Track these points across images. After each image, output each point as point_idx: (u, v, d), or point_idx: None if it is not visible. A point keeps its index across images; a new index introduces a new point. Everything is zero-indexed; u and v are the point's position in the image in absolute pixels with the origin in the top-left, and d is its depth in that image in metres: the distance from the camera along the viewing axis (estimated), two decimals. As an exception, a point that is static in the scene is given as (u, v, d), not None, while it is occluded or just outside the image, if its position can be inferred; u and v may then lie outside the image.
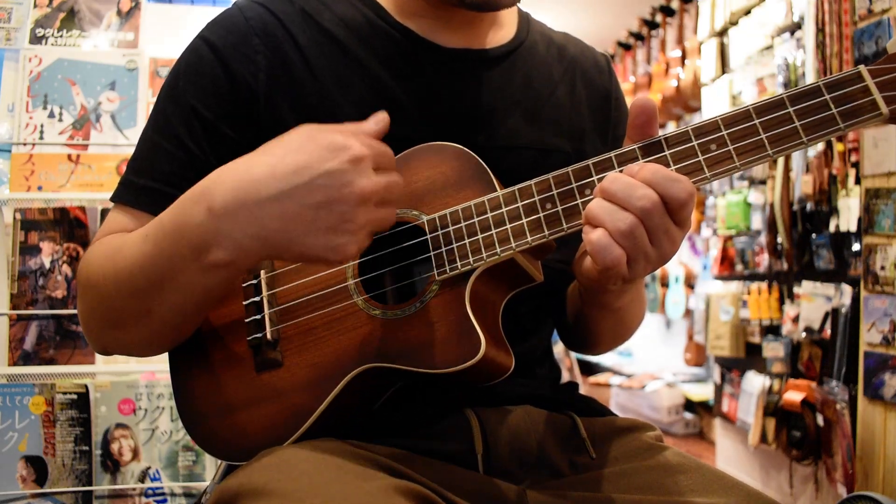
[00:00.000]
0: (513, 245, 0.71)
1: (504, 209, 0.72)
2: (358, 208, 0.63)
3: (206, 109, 0.80)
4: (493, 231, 0.72)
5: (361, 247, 0.65)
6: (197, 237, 0.65)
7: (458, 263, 0.72)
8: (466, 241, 0.72)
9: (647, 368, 4.75)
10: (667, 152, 0.68)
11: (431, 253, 0.73)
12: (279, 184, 0.62)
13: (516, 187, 0.72)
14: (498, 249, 0.71)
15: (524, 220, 0.71)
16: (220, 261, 0.65)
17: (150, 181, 0.80)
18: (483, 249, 0.72)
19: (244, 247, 0.64)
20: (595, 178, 0.70)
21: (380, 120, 0.67)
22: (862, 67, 0.64)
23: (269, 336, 0.76)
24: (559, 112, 0.90)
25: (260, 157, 0.65)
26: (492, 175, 0.74)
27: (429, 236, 0.74)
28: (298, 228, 0.63)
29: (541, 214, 0.71)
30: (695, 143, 0.67)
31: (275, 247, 0.64)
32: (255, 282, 0.79)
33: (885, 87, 0.63)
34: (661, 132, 0.69)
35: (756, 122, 0.66)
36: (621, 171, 0.67)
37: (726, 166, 0.66)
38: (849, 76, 0.64)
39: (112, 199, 0.82)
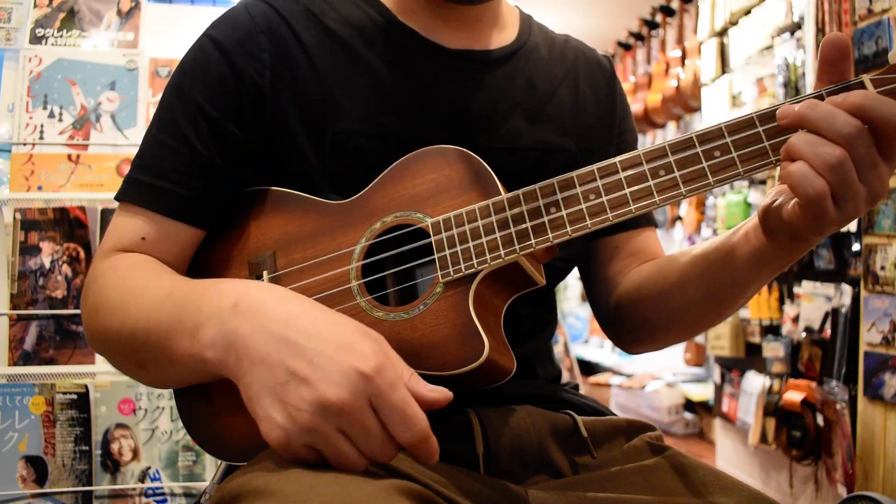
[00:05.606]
0: (517, 248, 0.71)
1: (508, 212, 0.72)
2: (314, 410, 0.58)
3: (212, 107, 0.80)
4: (498, 234, 0.72)
5: (288, 444, 0.59)
6: (213, 315, 0.65)
7: (463, 266, 0.72)
8: (471, 244, 0.72)
9: (647, 368, 4.74)
10: (671, 158, 0.68)
11: (436, 256, 0.73)
12: (288, 330, 0.61)
13: (520, 191, 0.72)
14: (502, 252, 0.71)
15: (529, 224, 0.71)
16: (203, 341, 0.65)
17: (154, 179, 0.80)
18: (487, 252, 0.71)
19: (217, 346, 0.64)
20: (599, 183, 0.70)
21: (441, 395, 0.62)
22: (865, 77, 0.63)
23: (270, 336, 0.76)
24: (562, 112, 0.91)
25: (305, 303, 0.65)
26: (496, 178, 0.74)
27: (433, 239, 0.74)
28: (265, 375, 0.60)
29: (545, 219, 0.71)
30: (699, 149, 0.67)
31: (237, 368, 0.62)
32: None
33: (887, 96, 0.62)
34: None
35: (759, 129, 0.65)
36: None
37: (730, 173, 0.66)
38: (852, 85, 0.64)
39: (117, 198, 0.82)
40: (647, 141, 4.91)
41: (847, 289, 2.27)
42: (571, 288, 6.26)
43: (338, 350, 0.59)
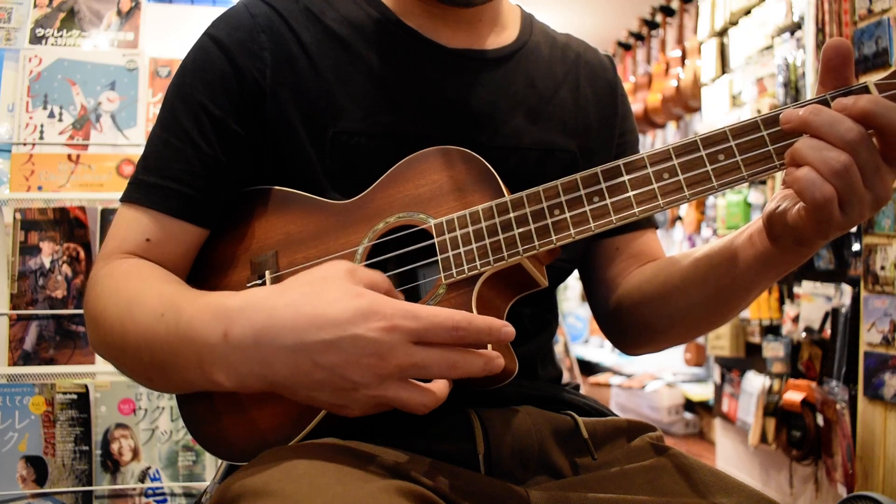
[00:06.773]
0: (520, 251, 0.71)
1: (512, 214, 0.72)
2: (373, 382, 0.60)
3: (215, 105, 0.80)
4: (501, 236, 0.71)
5: (365, 413, 0.64)
6: (206, 355, 0.65)
7: (466, 267, 0.72)
8: (474, 245, 0.72)
9: (647, 368, 4.74)
10: (675, 161, 0.68)
11: (439, 257, 0.73)
12: (300, 335, 0.61)
13: (524, 192, 0.72)
14: (505, 254, 0.71)
15: (532, 226, 0.71)
16: (220, 384, 0.65)
17: (159, 179, 0.79)
18: (490, 254, 0.71)
19: (247, 383, 0.64)
20: (604, 185, 0.69)
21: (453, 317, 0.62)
22: (870, 82, 0.63)
23: (271, 337, 0.76)
24: (563, 111, 0.91)
25: (291, 297, 0.63)
26: (499, 179, 0.74)
27: (436, 240, 0.74)
28: (306, 383, 0.62)
29: (549, 221, 0.70)
30: (703, 153, 0.67)
31: (279, 390, 0.64)
32: (260, 282, 0.79)
33: (892, 101, 0.62)
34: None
35: (764, 133, 0.65)
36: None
37: (734, 177, 0.66)
38: (856, 90, 0.63)
39: (122, 200, 0.82)
40: (647, 141, 4.91)
41: (847, 289, 2.27)
42: (571, 288, 6.26)
43: (352, 324, 0.60)
